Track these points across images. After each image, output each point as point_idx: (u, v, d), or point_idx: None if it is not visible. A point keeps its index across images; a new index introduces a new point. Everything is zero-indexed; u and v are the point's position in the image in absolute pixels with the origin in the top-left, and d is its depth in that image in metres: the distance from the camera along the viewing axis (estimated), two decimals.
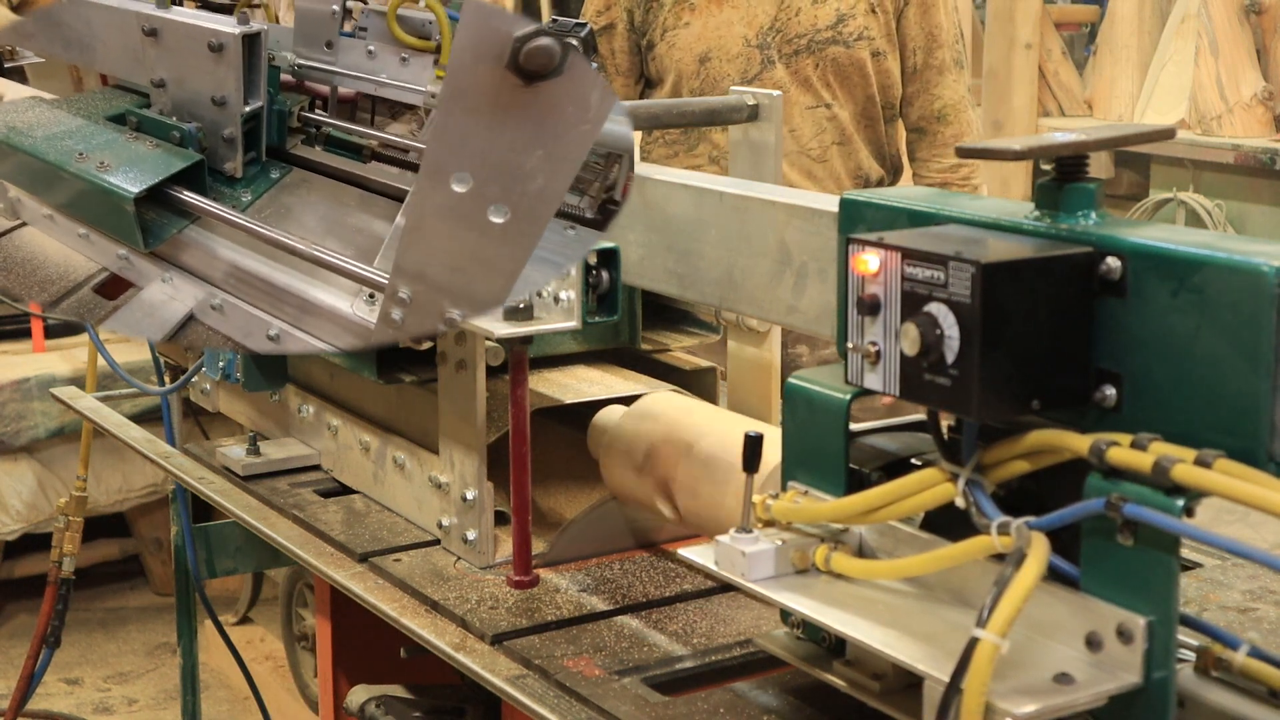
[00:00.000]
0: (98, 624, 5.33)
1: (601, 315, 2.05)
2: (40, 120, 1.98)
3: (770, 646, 1.72)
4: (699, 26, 3.52)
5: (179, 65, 1.86)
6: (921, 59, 3.62)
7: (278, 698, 4.33)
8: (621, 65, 3.66)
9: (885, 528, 1.60)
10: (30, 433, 5.00)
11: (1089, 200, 1.48)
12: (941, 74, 3.64)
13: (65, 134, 1.92)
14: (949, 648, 1.37)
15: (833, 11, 3.50)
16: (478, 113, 1.51)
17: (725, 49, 3.50)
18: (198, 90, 1.86)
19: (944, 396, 1.41)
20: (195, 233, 1.87)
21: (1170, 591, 1.34)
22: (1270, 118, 6.28)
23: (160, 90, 1.86)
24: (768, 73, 3.50)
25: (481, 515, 2.15)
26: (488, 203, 1.51)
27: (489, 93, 1.51)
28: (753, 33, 3.50)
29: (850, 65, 3.52)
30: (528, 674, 1.87)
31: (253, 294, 1.81)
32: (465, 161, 1.49)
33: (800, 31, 3.50)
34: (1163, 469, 1.31)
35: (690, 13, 3.54)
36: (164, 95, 1.87)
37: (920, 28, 3.60)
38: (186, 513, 3.41)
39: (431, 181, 1.51)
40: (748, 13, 3.51)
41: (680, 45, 3.53)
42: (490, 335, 1.98)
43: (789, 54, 3.50)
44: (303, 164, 2.07)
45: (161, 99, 1.88)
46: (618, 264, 2.05)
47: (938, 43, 3.62)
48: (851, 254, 1.49)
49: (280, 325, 1.81)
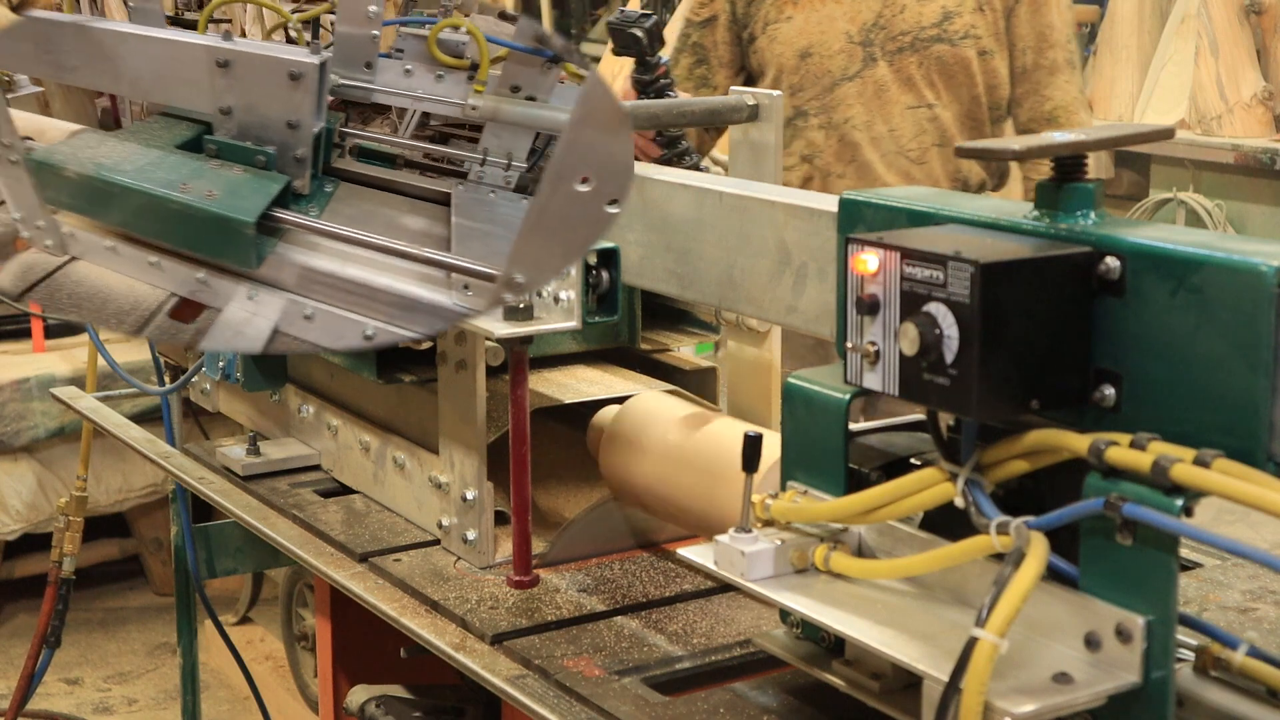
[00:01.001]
0: (98, 624, 5.33)
1: (601, 315, 2.06)
2: (120, 154, 2.01)
3: (769, 646, 1.72)
4: (801, 21, 3.45)
5: (252, 93, 1.95)
6: (1032, 59, 3.50)
7: (278, 698, 4.33)
8: (724, 57, 3.57)
9: (884, 527, 1.60)
10: (30, 433, 5.00)
11: (1088, 200, 1.49)
12: (1053, 74, 3.51)
13: (153, 165, 1.96)
14: (948, 647, 1.38)
15: (938, 8, 3.41)
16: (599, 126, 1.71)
17: (827, 45, 3.42)
18: (269, 115, 1.95)
19: (943, 396, 1.41)
20: (281, 248, 1.96)
21: (1169, 591, 1.34)
22: (1270, 118, 6.28)
23: (227, 117, 1.95)
24: (869, 70, 3.41)
25: (481, 515, 2.15)
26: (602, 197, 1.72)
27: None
28: (855, 29, 3.42)
29: (955, 64, 3.42)
30: (528, 674, 1.87)
31: (344, 298, 1.89)
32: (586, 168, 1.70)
33: (904, 29, 3.41)
34: (1162, 469, 1.31)
35: (792, 7, 3.46)
36: (230, 121, 1.96)
37: (1031, 26, 3.47)
38: (186, 513, 3.41)
39: (555, 184, 1.71)
40: (851, 8, 3.43)
41: (781, 40, 3.46)
42: (490, 335, 1.98)
43: (892, 51, 3.41)
44: (345, 176, 2.18)
45: (228, 125, 1.96)
46: (618, 264, 2.05)
47: (1049, 42, 3.49)
48: (851, 254, 1.49)
49: (375, 324, 1.91)
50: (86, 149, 2.01)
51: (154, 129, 2.08)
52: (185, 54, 2.00)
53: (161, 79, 2.05)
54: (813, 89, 3.42)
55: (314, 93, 1.95)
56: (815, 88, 3.42)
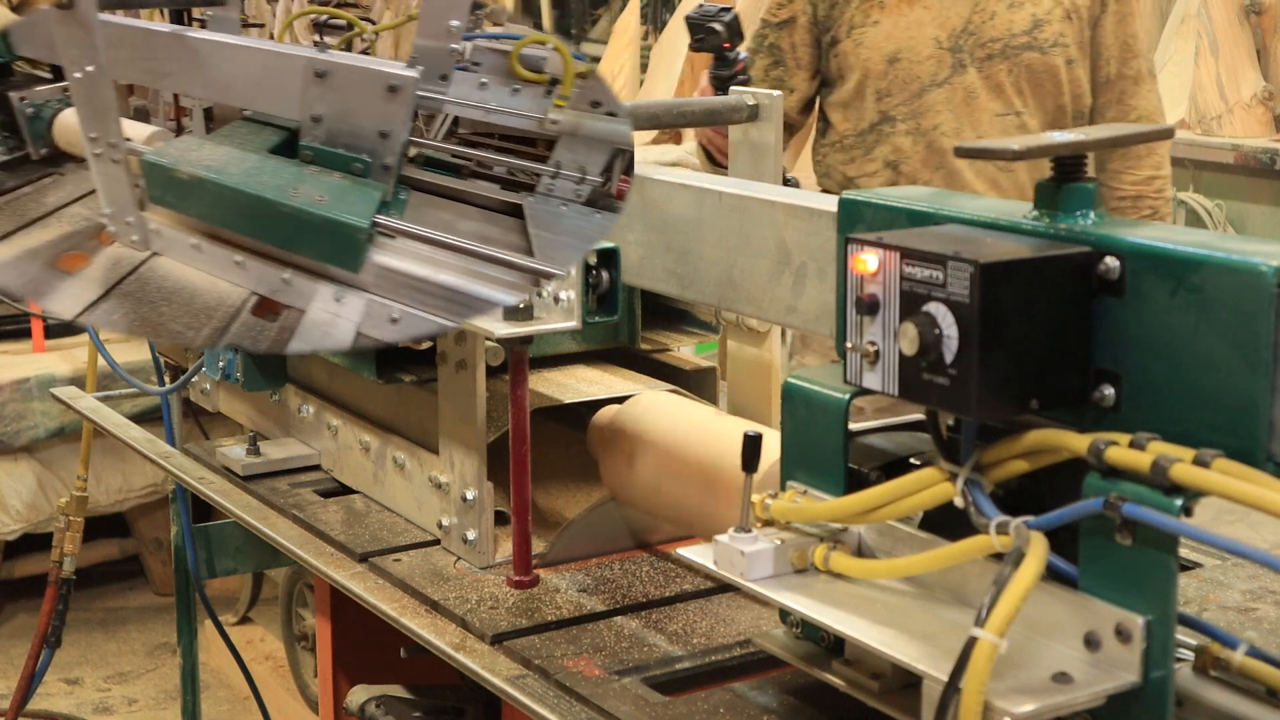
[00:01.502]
0: (98, 624, 5.33)
1: (601, 315, 2.06)
2: (222, 157, 2.08)
3: (769, 646, 1.72)
4: (888, 25, 3.39)
5: (347, 103, 2.05)
6: (1115, 68, 3.45)
7: (278, 698, 4.33)
8: (802, 59, 3.49)
9: (884, 527, 1.60)
10: (30, 433, 5.00)
11: (1087, 200, 1.49)
12: (1137, 84, 3.47)
13: (258, 170, 2.04)
14: (948, 647, 1.38)
15: (1028, 16, 3.36)
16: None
17: (915, 50, 3.37)
18: (363, 124, 2.05)
19: (943, 396, 1.41)
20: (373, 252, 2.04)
21: (1169, 591, 1.34)
22: (1270, 118, 6.27)
23: (316, 124, 2.06)
24: (958, 77, 3.36)
25: (481, 515, 2.15)
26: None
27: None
28: (944, 34, 3.37)
29: (1044, 72, 3.38)
30: (528, 674, 1.87)
31: (431, 301, 1.94)
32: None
33: (995, 35, 3.36)
34: (1161, 468, 1.31)
35: (879, 10, 3.39)
36: (320, 129, 2.06)
37: (1116, 36, 3.44)
38: (186, 513, 3.41)
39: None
40: (940, 13, 3.37)
41: (868, 44, 3.39)
42: (490, 335, 1.98)
43: (982, 58, 3.36)
44: (415, 184, 2.26)
45: (316, 131, 2.06)
46: (618, 264, 2.05)
47: (1133, 52, 3.46)
48: (850, 254, 1.49)
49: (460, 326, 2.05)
50: (191, 151, 2.08)
51: (241, 133, 2.16)
52: (283, 64, 2.09)
53: (256, 86, 2.14)
54: (900, 94, 3.38)
55: (409, 104, 2.04)
56: (903, 93, 3.38)
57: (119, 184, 2.08)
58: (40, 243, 2.13)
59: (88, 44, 2.00)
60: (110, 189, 2.09)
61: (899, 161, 3.40)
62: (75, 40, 2.00)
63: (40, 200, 2.30)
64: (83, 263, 2.07)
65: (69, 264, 2.07)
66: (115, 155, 2.06)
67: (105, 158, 2.07)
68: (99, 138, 2.06)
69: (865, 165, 3.45)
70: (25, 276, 2.04)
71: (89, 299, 1.96)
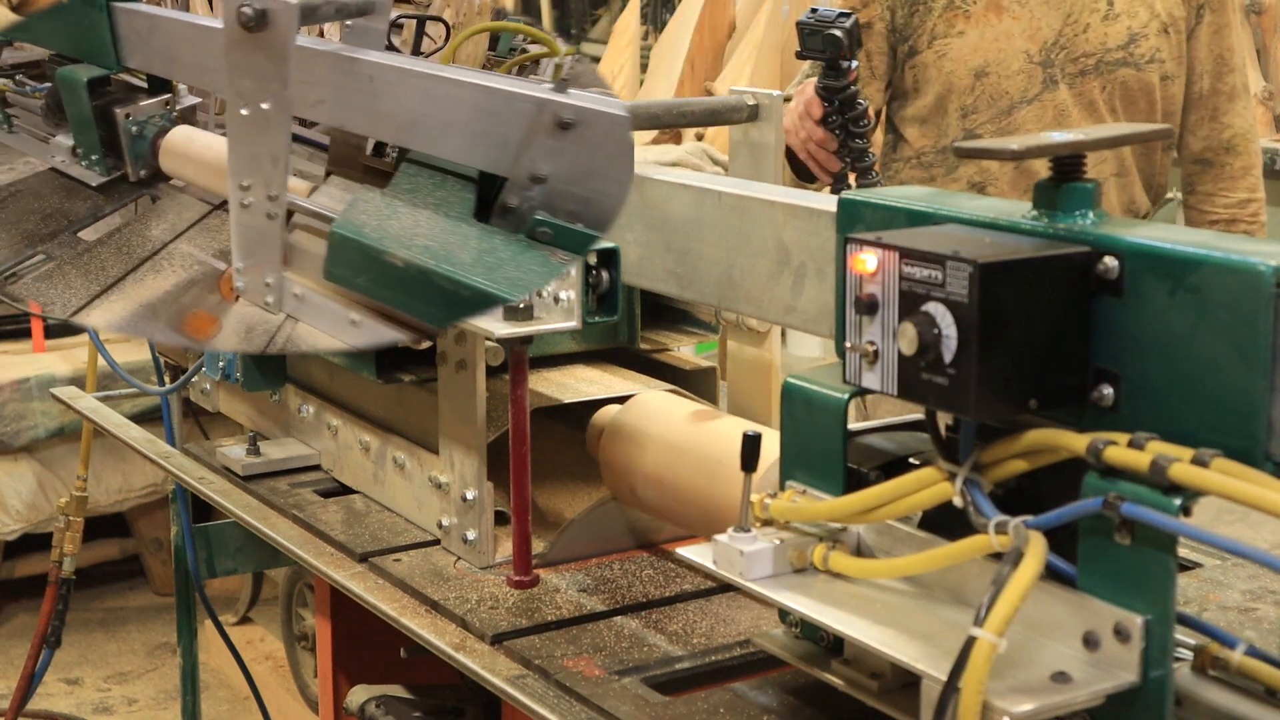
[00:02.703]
0: (98, 624, 5.33)
1: (601, 315, 2.06)
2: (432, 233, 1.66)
3: (768, 645, 1.72)
4: (975, 37, 3.16)
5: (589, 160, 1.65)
6: (1209, 84, 3.26)
7: (278, 698, 4.33)
8: (878, 68, 3.27)
9: (883, 527, 1.60)
10: (30, 433, 5.00)
11: (1086, 200, 1.49)
12: (1232, 100, 3.28)
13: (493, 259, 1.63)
14: (947, 647, 1.38)
15: (1124, 29, 3.16)
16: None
17: (1004, 64, 3.16)
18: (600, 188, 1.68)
19: (942, 396, 1.41)
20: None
21: (1167, 590, 1.34)
22: (1270, 118, 6.27)
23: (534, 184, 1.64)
24: (1049, 93, 3.16)
25: (481, 515, 2.15)
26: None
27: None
28: (1035, 48, 3.16)
29: (1139, 90, 3.18)
30: (528, 674, 1.87)
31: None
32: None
33: (1088, 50, 3.16)
34: (1160, 468, 1.31)
35: (965, 20, 3.17)
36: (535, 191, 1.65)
37: (1210, 50, 3.25)
38: (186, 513, 3.41)
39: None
40: (1030, 25, 3.16)
41: (953, 56, 3.17)
42: (490, 335, 1.98)
43: (1074, 74, 3.16)
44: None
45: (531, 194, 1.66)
46: (618, 264, 2.05)
47: (1229, 66, 3.26)
48: (850, 253, 1.49)
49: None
50: (388, 221, 1.68)
51: (424, 188, 1.75)
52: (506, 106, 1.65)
53: (452, 130, 1.69)
54: (988, 111, 3.19)
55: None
56: (990, 110, 3.18)
57: (266, 241, 1.76)
58: (158, 294, 1.94)
59: (273, 76, 1.66)
60: (251, 244, 1.78)
61: (985, 183, 3.22)
62: (256, 70, 1.66)
63: (144, 234, 2.15)
64: (213, 328, 1.84)
65: (198, 330, 1.85)
66: (272, 210, 1.75)
67: (256, 210, 1.75)
68: (252, 186, 1.74)
69: (947, 185, 3.25)
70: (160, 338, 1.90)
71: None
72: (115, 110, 2.24)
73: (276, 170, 1.73)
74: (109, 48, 2.23)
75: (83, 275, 2.03)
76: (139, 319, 1.90)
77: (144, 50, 2.22)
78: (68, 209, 2.23)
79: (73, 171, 2.29)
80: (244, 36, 1.62)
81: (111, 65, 2.25)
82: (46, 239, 2.13)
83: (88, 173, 2.27)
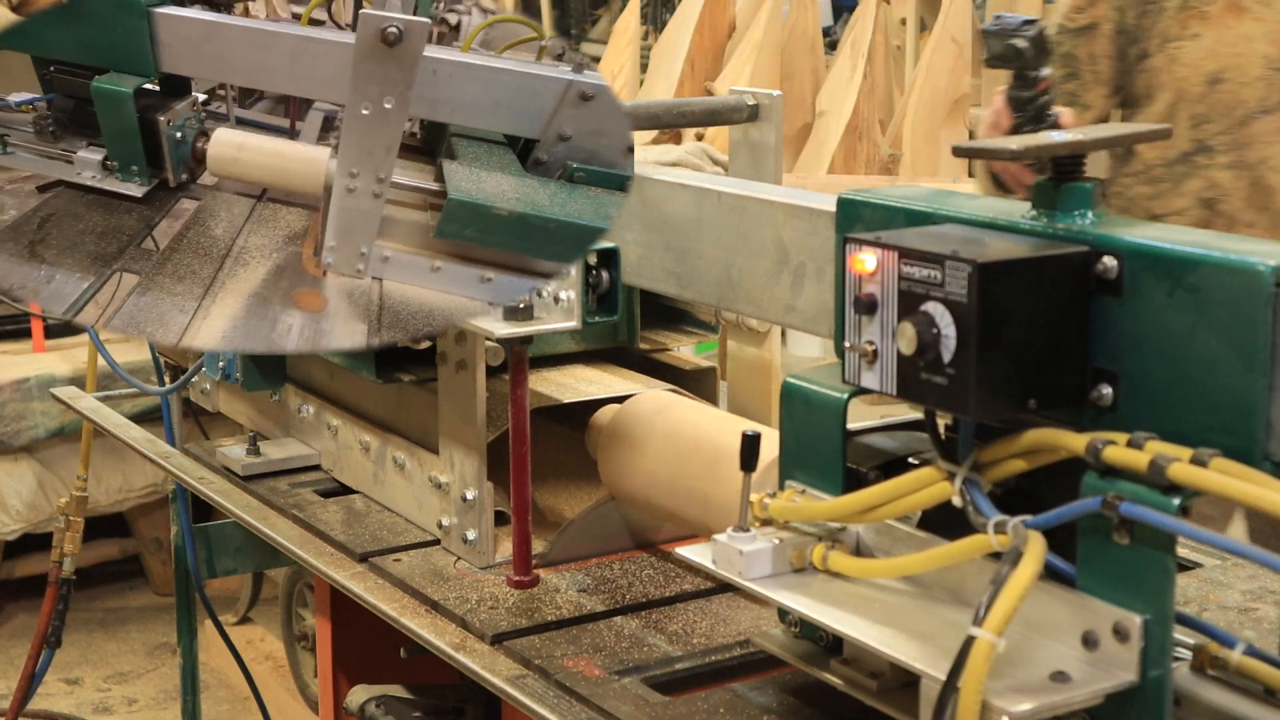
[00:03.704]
0: (98, 624, 5.33)
1: (601, 315, 2.06)
2: (512, 189, 2.07)
3: (767, 645, 1.72)
4: (1210, 40, 2.91)
5: (599, 122, 2.13)
6: None
7: (278, 698, 4.33)
8: (1102, 73, 3.04)
9: (882, 526, 1.60)
10: (30, 433, 5.00)
11: (1086, 200, 1.49)
12: None
13: (563, 199, 2.06)
14: (946, 646, 1.38)
15: None
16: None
17: (1243, 70, 2.90)
18: (610, 142, 2.13)
19: (941, 395, 1.41)
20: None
21: (1166, 590, 1.34)
22: None
23: (561, 141, 2.13)
24: None
25: (481, 515, 2.15)
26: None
27: None
28: (1277, 52, 2.90)
29: None
30: (528, 674, 1.87)
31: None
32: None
33: None
34: (1159, 468, 1.31)
35: (1200, 22, 2.92)
36: (562, 146, 2.14)
37: None
38: (186, 513, 3.41)
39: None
40: (1273, 27, 2.89)
41: (1185, 61, 2.93)
42: (490, 335, 1.98)
43: None
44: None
45: (555, 150, 2.14)
46: (618, 264, 2.05)
47: None
48: (849, 253, 1.49)
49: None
50: (477, 183, 2.05)
51: (481, 155, 2.14)
52: (540, 86, 2.12)
53: (499, 108, 2.14)
54: (1221, 122, 2.94)
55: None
56: (1224, 120, 2.94)
57: (367, 219, 2.03)
58: (257, 284, 2.09)
59: (398, 81, 1.94)
60: (350, 223, 2.04)
61: (1216, 199, 2.97)
62: (385, 76, 1.94)
63: (209, 234, 2.23)
64: (321, 300, 2.05)
65: (311, 305, 2.04)
66: (379, 190, 2.02)
67: (362, 193, 2.02)
68: (360, 174, 2.00)
69: (1173, 201, 3.01)
70: (283, 328, 1.98)
71: (362, 336, 1.97)
72: (157, 118, 2.23)
73: (389, 158, 2.01)
74: (148, 55, 2.23)
75: (179, 282, 2.09)
76: (255, 310, 2.04)
77: (193, 56, 2.25)
78: (118, 224, 2.24)
79: (107, 185, 2.27)
80: (380, 49, 1.92)
81: (151, 73, 2.24)
82: (116, 256, 2.15)
83: (126, 184, 2.27)
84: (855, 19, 6.27)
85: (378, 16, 1.93)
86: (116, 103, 2.20)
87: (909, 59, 6.64)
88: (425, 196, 2.17)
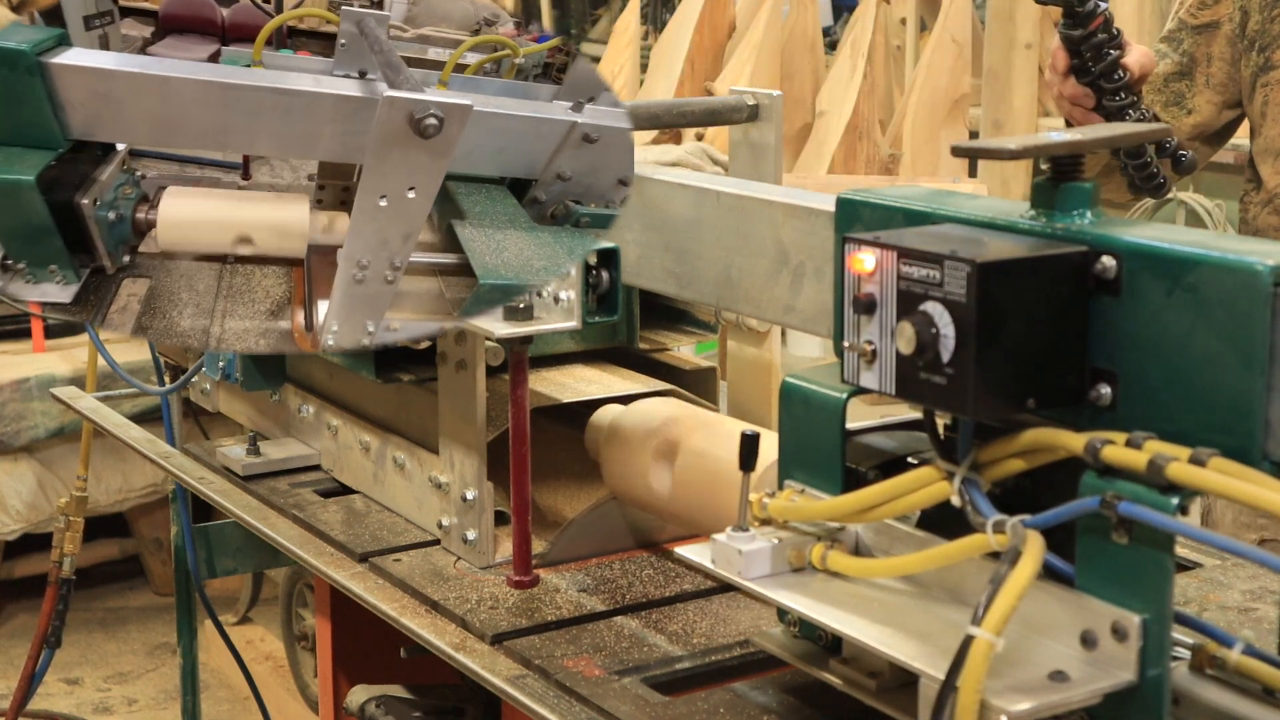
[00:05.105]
0: (98, 624, 5.33)
1: (601, 315, 2.06)
2: (531, 252, 2.05)
3: (767, 645, 1.72)
4: None
5: (604, 159, 2.12)
6: None
7: (278, 698, 4.33)
8: (1215, 76, 2.69)
9: (881, 526, 1.61)
10: (30, 433, 5.00)
11: (1085, 199, 1.49)
12: None
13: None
14: (945, 646, 1.38)
15: None
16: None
17: None
18: (607, 177, 2.15)
19: (940, 395, 1.41)
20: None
21: (1165, 589, 1.35)
22: None
23: (559, 181, 2.12)
24: None
25: (481, 515, 2.15)
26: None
27: None
28: None
29: None
30: (528, 674, 1.88)
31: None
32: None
33: None
34: (1157, 467, 1.31)
35: None
36: (559, 185, 2.13)
37: None
38: (186, 513, 3.41)
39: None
40: None
41: None
42: (490, 335, 1.98)
43: None
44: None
45: (552, 189, 2.13)
46: (618, 264, 2.05)
47: None
48: (848, 253, 1.49)
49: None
50: (498, 254, 2.00)
51: (482, 202, 2.06)
52: (544, 129, 2.07)
53: (502, 153, 2.06)
54: None
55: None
56: None
57: (377, 300, 1.84)
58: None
59: (428, 171, 1.68)
60: (355, 305, 1.85)
61: None
62: (408, 167, 1.66)
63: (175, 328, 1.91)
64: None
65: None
66: (391, 276, 1.81)
67: (371, 280, 1.79)
68: (371, 264, 1.77)
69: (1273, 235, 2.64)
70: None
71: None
72: (78, 200, 1.73)
73: (406, 245, 1.78)
74: (50, 122, 1.70)
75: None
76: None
77: (114, 117, 1.78)
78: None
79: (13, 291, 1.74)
80: (411, 139, 1.64)
81: (58, 143, 1.71)
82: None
83: (43, 287, 1.74)
84: (855, 19, 6.27)
85: (409, 100, 1.63)
86: (12, 196, 1.64)
87: (909, 59, 6.65)
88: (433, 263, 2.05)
